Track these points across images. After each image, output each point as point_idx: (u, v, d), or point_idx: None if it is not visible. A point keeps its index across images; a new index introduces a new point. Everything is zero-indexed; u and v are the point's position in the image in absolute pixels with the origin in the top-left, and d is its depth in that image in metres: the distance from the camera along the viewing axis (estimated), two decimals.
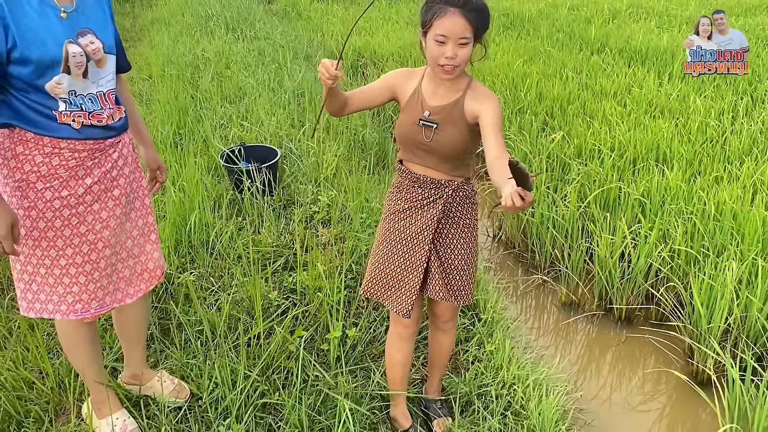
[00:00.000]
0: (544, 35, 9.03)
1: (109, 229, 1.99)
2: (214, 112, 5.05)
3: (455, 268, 2.13)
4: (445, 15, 1.82)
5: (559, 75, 6.82)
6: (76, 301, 1.97)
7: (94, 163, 1.90)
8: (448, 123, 1.97)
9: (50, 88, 1.76)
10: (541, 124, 5.38)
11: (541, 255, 3.96)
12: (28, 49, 1.70)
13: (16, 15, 1.68)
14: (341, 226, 3.45)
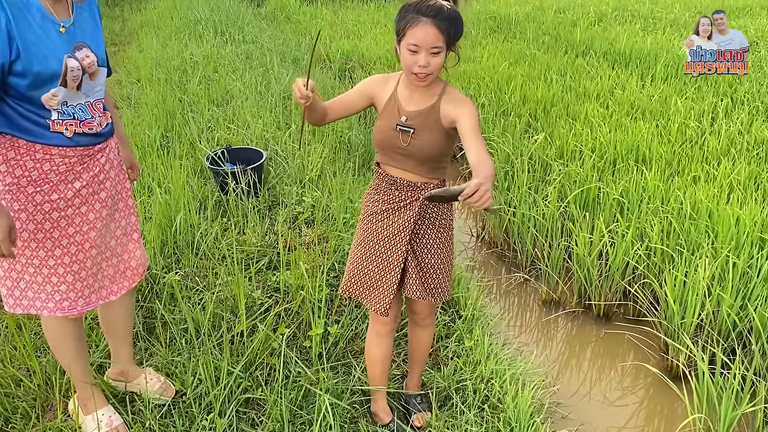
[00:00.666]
0: (530, 38, 9.14)
1: (95, 230, 2.05)
2: (201, 115, 5.11)
3: (432, 267, 2.20)
4: (418, 25, 1.88)
5: (544, 77, 6.92)
6: (64, 299, 2.03)
7: (83, 168, 1.97)
8: (424, 128, 2.03)
9: (45, 99, 1.82)
10: (524, 126, 5.47)
11: (522, 254, 4.03)
12: (30, 63, 1.74)
13: (21, 28, 1.72)
14: (325, 226, 3.52)
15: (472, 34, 9.57)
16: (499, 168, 4.61)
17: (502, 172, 4.54)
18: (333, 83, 6.78)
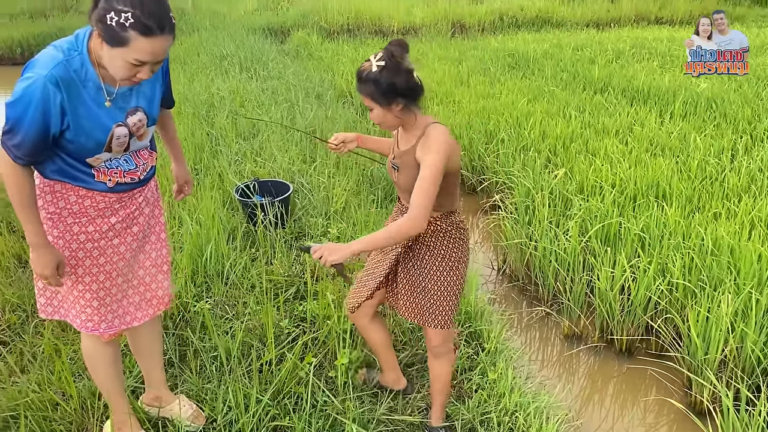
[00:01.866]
0: (548, 75, 9.27)
1: (124, 260, 2.15)
2: (229, 148, 5.25)
3: (423, 290, 2.33)
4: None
5: (563, 114, 7.02)
6: (88, 320, 2.14)
7: (121, 205, 2.08)
8: (405, 167, 2.19)
9: (90, 161, 1.94)
10: (544, 161, 5.54)
11: (544, 288, 4.07)
12: (77, 135, 1.86)
13: (75, 104, 1.82)
14: None
15: (491, 70, 9.73)
16: (519, 202, 4.67)
17: (523, 207, 4.60)
18: (355, 118, 6.91)
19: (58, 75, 1.76)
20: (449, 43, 12.98)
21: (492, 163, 5.70)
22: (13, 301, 3.19)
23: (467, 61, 10.61)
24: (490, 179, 5.57)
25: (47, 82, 1.75)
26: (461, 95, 7.95)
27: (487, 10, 15.94)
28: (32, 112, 1.75)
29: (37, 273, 1.95)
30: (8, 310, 3.15)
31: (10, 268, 3.54)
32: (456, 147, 2.17)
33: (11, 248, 3.71)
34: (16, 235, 3.98)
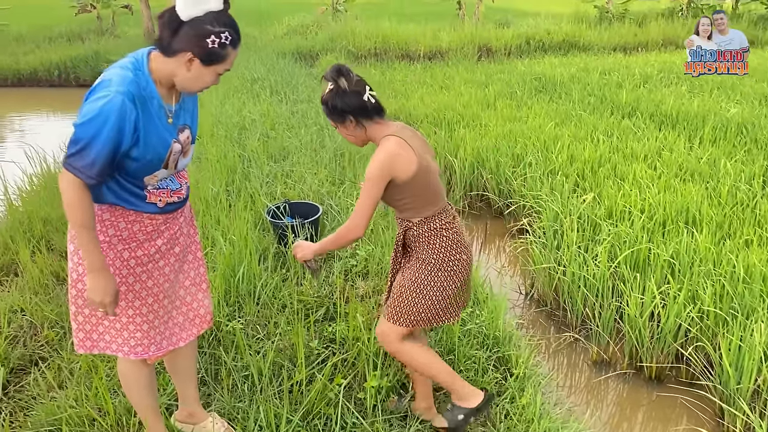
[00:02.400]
0: (576, 99, 9.28)
1: (168, 281, 2.22)
2: (261, 170, 5.35)
3: (398, 290, 2.45)
4: None
5: (591, 138, 7.01)
6: (138, 345, 2.18)
7: (166, 227, 2.16)
8: None
9: (148, 179, 2.02)
10: (572, 185, 5.54)
11: (572, 313, 4.06)
12: (145, 152, 1.94)
13: (145, 121, 1.92)
14: (378, 279, 3.63)
15: (518, 94, 9.78)
16: (548, 226, 4.68)
17: (551, 231, 4.60)
18: None
19: (134, 92, 1.87)
20: (476, 67, 13.06)
21: (519, 186, 5.71)
22: (52, 318, 3.28)
23: (494, 84, 10.67)
24: (517, 203, 5.58)
25: (125, 98, 1.83)
26: (488, 118, 8.00)
27: (513, 34, 16.02)
28: (108, 130, 1.81)
29: (96, 301, 1.95)
30: (47, 326, 3.24)
31: (49, 285, 3.64)
32: (405, 156, 2.24)
33: (50, 266, 3.81)
34: (54, 253, 4.10)
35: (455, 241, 2.40)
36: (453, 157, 6.47)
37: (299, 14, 19.31)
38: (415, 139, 2.33)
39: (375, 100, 2.29)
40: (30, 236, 4.23)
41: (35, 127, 10.60)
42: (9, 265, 3.99)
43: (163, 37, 1.91)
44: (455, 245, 2.40)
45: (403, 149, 2.24)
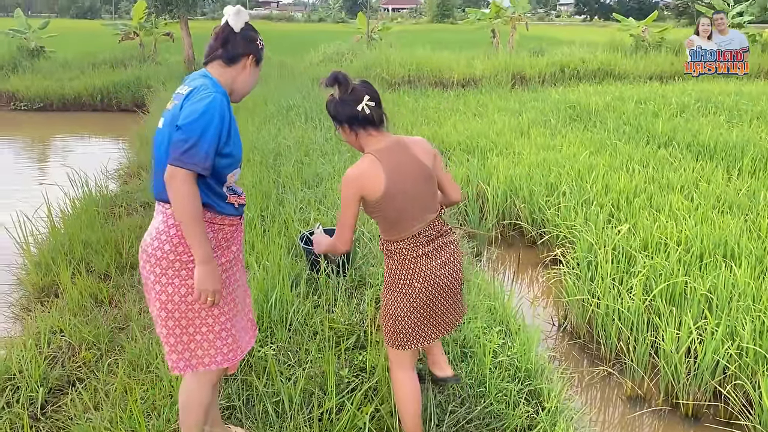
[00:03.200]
0: (611, 128, 9.21)
1: (240, 286, 2.38)
2: (294, 196, 5.42)
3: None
4: None
5: (626, 168, 6.95)
6: (230, 351, 2.30)
7: (237, 233, 2.33)
8: None
9: (229, 177, 2.21)
10: (607, 215, 5.48)
11: (606, 347, 3.99)
12: (234, 148, 2.18)
13: (233, 121, 2.18)
14: None
15: (552, 122, 9.75)
16: (582, 257, 4.63)
17: (585, 262, 4.55)
18: None
19: (224, 94, 2.17)
20: (509, 95, 13.09)
21: (553, 216, 5.67)
22: (89, 340, 3.35)
23: (527, 112, 10.66)
24: (550, 232, 5.54)
25: (223, 97, 2.13)
26: (521, 146, 7.99)
27: (548, 62, 16.04)
28: (215, 124, 2.05)
29: (210, 289, 2.10)
30: (84, 347, 3.31)
31: (87, 307, 3.74)
32: (373, 178, 2.26)
33: (89, 288, 3.91)
34: (93, 275, 4.20)
35: (410, 269, 2.38)
36: (486, 185, 6.47)
37: (335, 42, 19.66)
38: (393, 161, 2.30)
39: (370, 111, 2.30)
40: (71, 258, 4.35)
41: (78, 150, 10.94)
42: (50, 286, 4.10)
43: (227, 49, 2.23)
44: (409, 272, 2.38)
45: (372, 170, 2.27)
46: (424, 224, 2.37)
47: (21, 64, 15.37)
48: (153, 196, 2.22)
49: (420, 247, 2.37)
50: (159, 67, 15.19)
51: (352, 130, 2.34)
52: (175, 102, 2.16)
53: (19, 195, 7.07)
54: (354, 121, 2.31)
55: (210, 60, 2.24)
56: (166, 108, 2.21)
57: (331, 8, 74.82)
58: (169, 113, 2.16)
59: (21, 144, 11.42)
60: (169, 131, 2.11)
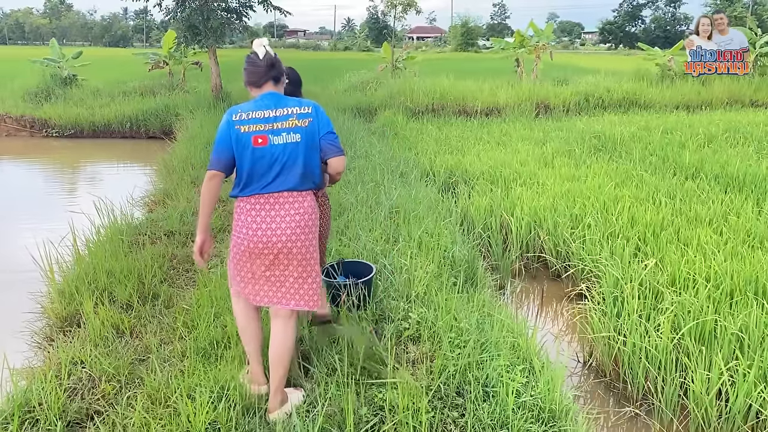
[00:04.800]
0: (636, 158, 9.11)
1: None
2: None
3: None
4: None
5: (652, 199, 6.84)
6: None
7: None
8: None
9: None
10: (633, 249, 5.38)
11: (633, 386, 3.88)
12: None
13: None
14: (431, 344, 3.57)
15: (576, 152, 9.68)
16: (608, 292, 4.54)
17: (611, 297, 4.46)
18: (437, 197, 7.00)
19: None
20: (533, 124, 13.06)
21: (578, 248, 5.59)
22: (110, 372, 3.35)
23: (551, 142, 10.61)
24: (576, 266, 5.45)
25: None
26: (545, 177, 7.92)
27: (572, 92, 16.00)
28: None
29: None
30: (104, 380, 3.31)
31: (109, 338, 3.74)
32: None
33: (111, 318, 3.93)
34: (116, 305, 4.22)
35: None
36: (509, 216, 6.41)
37: (360, 71, 19.87)
38: None
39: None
40: (94, 287, 4.38)
41: (105, 176, 11.14)
42: (73, 315, 4.13)
43: (280, 71, 3.05)
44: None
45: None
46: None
47: (54, 92, 15.76)
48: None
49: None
50: (187, 96, 15.47)
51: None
52: (301, 120, 2.92)
53: (47, 222, 7.20)
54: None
55: (266, 81, 3.00)
56: (284, 125, 2.90)
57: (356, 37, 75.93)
58: (303, 129, 2.92)
59: (51, 169, 11.67)
60: (309, 139, 2.94)
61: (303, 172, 2.93)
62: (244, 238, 2.92)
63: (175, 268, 5.00)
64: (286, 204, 2.93)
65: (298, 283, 2.99)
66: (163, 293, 4.39)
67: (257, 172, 2.90)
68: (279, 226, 2.90)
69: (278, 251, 2.91)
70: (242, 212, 2.95)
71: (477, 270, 5.15)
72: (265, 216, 2.91)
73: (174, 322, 3.95)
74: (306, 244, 2.97)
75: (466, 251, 5.32)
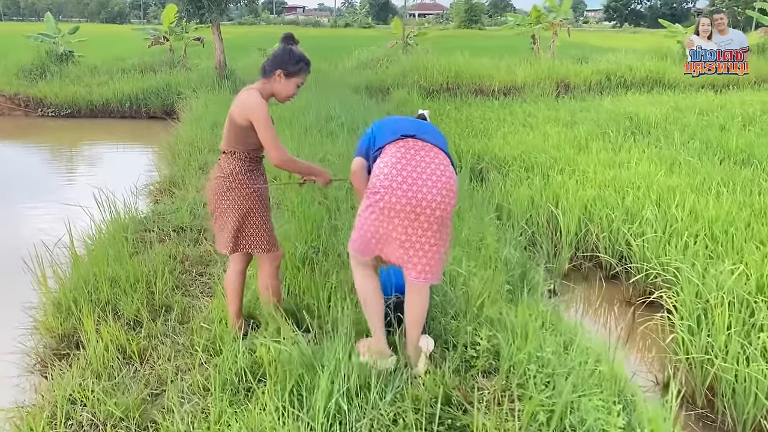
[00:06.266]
0: (678, 143, 8.44)
1: None
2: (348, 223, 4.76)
3: None
4: (306, 73, 3.18)
5: (708, 190, 6.20)
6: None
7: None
8: None
9: None
10: (702, 248, 4.75)
11: (738, 422, 3.26)
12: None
13: None
14: (509, 379, 2.92)
15: (611, 135, 9.00)
16: (689, 304, 3.90)
17: (697, 311, 3.82)
18: (468, 186, 6.34)
19: None
20: (557, 104, 12.35)
21: (640, 248, 4.94)
22: (117, 416, 2.71)
23: (581, 124, 9.92)
24: (640, 268, 4.81)
25: None
26: (585, 163, 7.26)
27: (593, 70, 15.28)
28: None
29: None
30: (109, 425, 2.68)
31: (114, 366, 3.10)
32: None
33: (116, 339, 3.28)
34: (121, 320, 3.58)
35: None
36: (554, 208, 5.75)
37: (369, 48, 19.07)
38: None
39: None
40: (96, 299, 3.75)
41: (105, 160, 10.45)
42: (72, 334, 3.48)
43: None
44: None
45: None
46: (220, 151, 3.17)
47: (50, 69, 14.97)
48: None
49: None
50: (189, 73, 14.69)
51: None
52: None
53: (41, 215, 6.54)
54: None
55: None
56: None
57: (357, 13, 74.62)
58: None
59: (47, 152, 10.96)
60: None
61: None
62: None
63: (187, 271, 4.35)
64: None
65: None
66: (177, 305, 3.75)
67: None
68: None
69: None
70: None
71: (532, 275, 4.52)
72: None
73: (191, 342, 3.32)
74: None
75: (517, 252, 4.68)
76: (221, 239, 3.16)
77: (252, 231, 3.14)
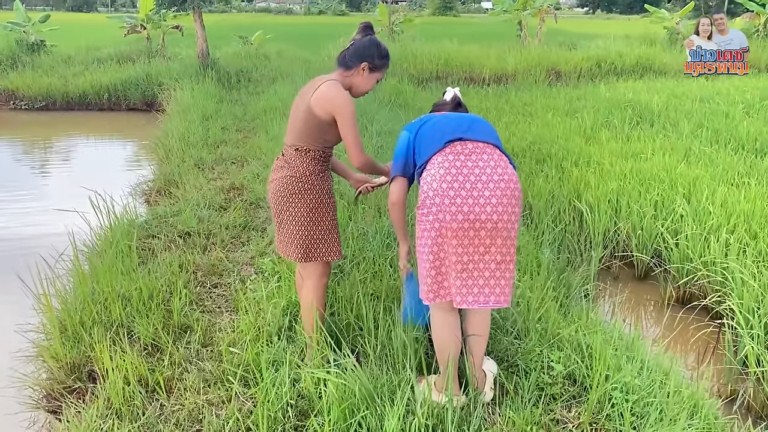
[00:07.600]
0: (686, 131, 8.22)
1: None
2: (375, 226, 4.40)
3: None
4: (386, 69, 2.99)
5: (731, 181, 5.97)
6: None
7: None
8: None
9: None
10: (742, 246, 4.49)
11: None
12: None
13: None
14: (598, 411, 2.59)
15: (616, 124, 8.75)
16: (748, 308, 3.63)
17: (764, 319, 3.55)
18: None
19: None
20: (553, 92, 12.07)
21: (682, 246, 4.66)
22: None
23: (582, 112, 9.65)
24: (681, 269, 4.54)
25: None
26: (598, 155, 6.99)
27: (583, 57, 15.05)
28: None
29: None
30: None
31: (137, 403, 2.70)
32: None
33: (136, 369, 2.88)
34: (138, 345, 3.17)
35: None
36: (579, 203, 5.45)
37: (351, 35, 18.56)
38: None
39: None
40: (105, 319, 3.33)
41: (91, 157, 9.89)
42: (83, 363, 3.06)
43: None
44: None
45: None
46: (286, 145, 2.85)
47: (20, 59, 14.23)
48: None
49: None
50: (169, 63, 14.07)
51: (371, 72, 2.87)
52: None
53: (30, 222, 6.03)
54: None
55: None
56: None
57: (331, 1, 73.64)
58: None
59: (25, 149, 10.34)
60: None
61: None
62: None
63: (201, 283, 3.95)
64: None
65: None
66: (197, 325, 3.35)
67: None
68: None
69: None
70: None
71: (570, 278, 4.22)
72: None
73: (221, 370, 2.94)
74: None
75: (552, 254, 4.38)
76: (290, 247, 2.82)
77: (324, 236, 2.82)
